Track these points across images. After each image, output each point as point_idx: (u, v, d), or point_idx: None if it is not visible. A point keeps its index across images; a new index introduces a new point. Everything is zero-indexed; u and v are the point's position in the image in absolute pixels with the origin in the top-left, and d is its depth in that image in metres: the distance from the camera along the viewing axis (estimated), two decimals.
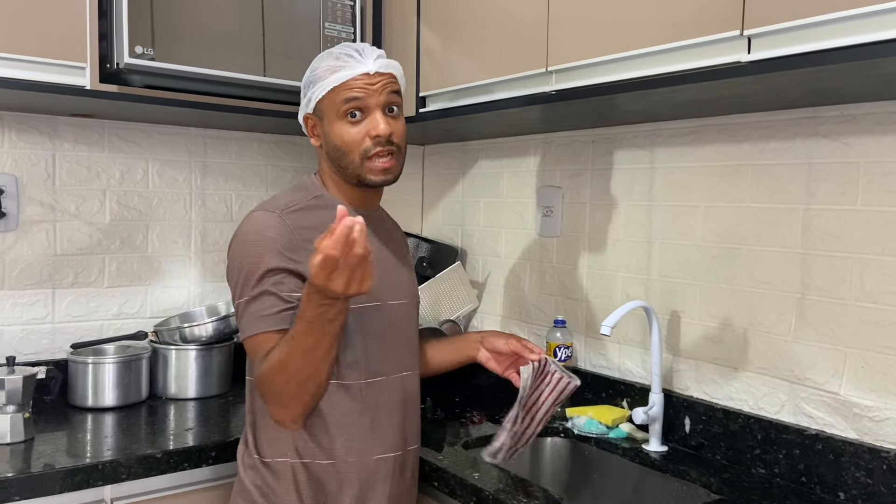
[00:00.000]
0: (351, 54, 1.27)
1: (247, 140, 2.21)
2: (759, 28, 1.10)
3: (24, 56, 1.50)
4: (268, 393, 1.20)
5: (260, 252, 1.21)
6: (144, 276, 2.06)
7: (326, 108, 1.28)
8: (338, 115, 1.26)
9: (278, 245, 1.21)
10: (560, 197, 1.98)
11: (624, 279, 1.81)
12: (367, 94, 1.25)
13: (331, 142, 1.29)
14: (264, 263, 1.21)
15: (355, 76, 1.25)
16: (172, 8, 1.61)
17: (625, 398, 1.79)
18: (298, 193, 1.31)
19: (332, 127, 1.28)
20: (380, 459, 1.31)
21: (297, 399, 1.20)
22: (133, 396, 1.85)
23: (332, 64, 1.27)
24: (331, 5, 1.84)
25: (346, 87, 1.25)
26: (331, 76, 1.26)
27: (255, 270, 1.21)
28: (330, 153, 1.30)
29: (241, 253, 1.23)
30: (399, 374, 1.34)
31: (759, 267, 1.52)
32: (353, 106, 1.25)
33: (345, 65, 1.26)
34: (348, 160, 1.28)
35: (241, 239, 1.24)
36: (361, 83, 1.25)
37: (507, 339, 1.42)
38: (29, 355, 1.87)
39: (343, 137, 1.27)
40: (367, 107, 1.25)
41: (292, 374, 1.17)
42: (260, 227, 1.23)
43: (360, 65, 1.26)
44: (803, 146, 1.45)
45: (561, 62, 1.44)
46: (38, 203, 1.89)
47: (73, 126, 1.93)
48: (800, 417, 1.46)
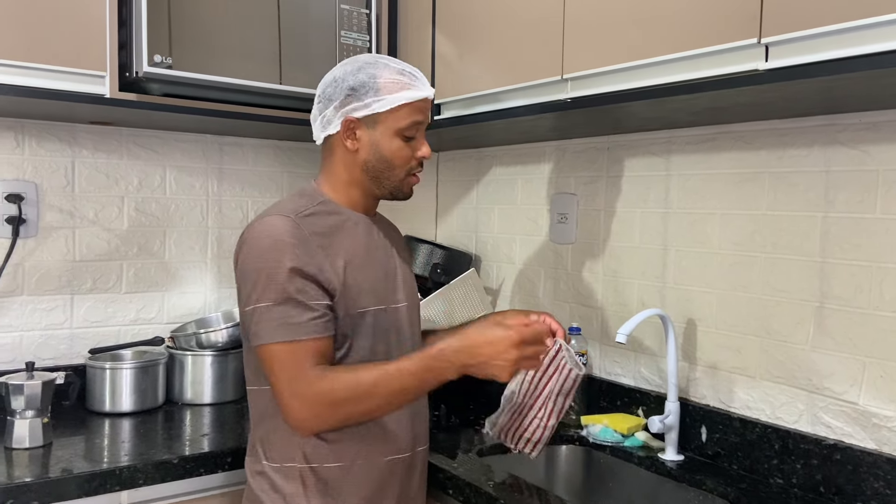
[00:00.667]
0: (414, 74, 1.30)
1: (263, 147, 2.22)
2: (777, 36, 1.10)
3: (45, 65, 1.52)
4: (315, 405, 1.18)
5: (278, 256, 1.19)
6: (161, 282, 2.07)
7: (386, 121, 1.27)
8: (397, 132, 1.28)
9: (297, 250, 1.20)
10: (575, 204, 1.98)
11: (639, 287, 1.80)
12: (426, 118, 1.31)
13: (379, 153, 1.29)
14: (285, 267, 1.19)
15: (422, 98, 1.28)
16: (189, 17, 1.62)
17: (640, 406, 1.78)
18: (303, 199, 1.30)
19: (384, 140, 1.28)
20: (389, 461, 1.31)
21: (344, 422, 1.22)
22: (150, 402, 1.87)
23: (397, 79, 1.27)
24: (346, 13, 1.85)
25: (417, 109, 1.28)
26: (401, 92, 1.26)
27: (275, 274, 1.19)
28: (370, 162, 1.29)
29: (257, 256, 1.21)
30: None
31: (777, 275, 1.51)
32: (417, 128, 1.29)
33: (412, 84, 1.28)
34: (392, 174, 1.30)
35: (255, 243, 1.22)
36: (423, 107, 1.30)
37: (527, 314, 1.34)
38: (47, 360, 1.89)
39: (397, 153, 1.29)
40: (421, 129, 1.31)
41: (368, 405, 1.18)
42: (277, 231, 1.21)
43: (424, 87, 1.29)
44: (821, 154, 1.44)
45: (576, 70, 1.44)
46: (58, 210, 1.91)
47: (92, 133, 1.95)
48: (818, 427, 1.45)
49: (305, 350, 1.19)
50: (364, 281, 1.28)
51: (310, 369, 1.18)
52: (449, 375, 1.17)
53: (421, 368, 1.17)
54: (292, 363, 1.19)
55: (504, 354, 1.14)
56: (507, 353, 1.14)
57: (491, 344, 1.15)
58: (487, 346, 1.15)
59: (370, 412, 1.21)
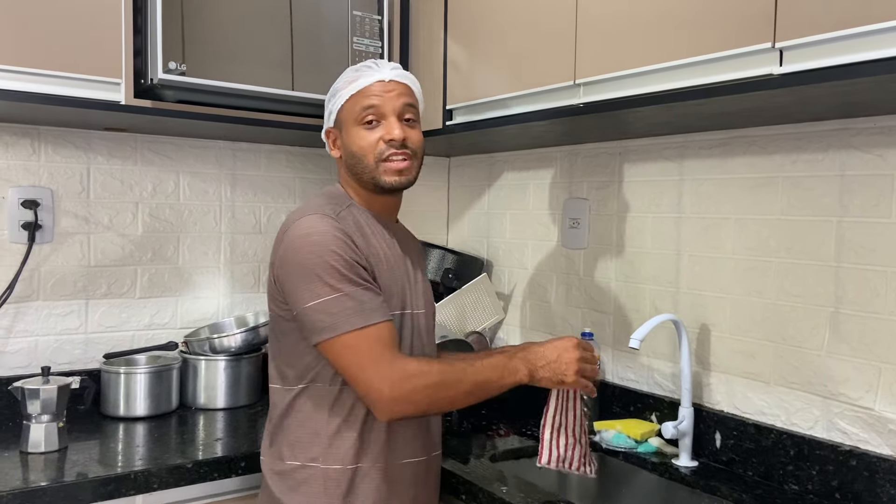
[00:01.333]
0: (368, 65, 1.33)
1: (275, 153, 2.24)
2: (792, 41, 1.09)
3: (62, 73, 1.54)
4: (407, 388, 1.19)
5: (333, 248, 1.21)
6: (175, 287, 2.09)
7: (345, 118, 1.32)
8: (355, 122, 1.31)
9: (348, 241, 1.23)
10: (587, 209, 1.97)
11: (652, 292, 1.79)
12: (383, 100, 1.29)
13: (348, 149, 1.33)
14: (343, 258, 1.20)
15: (371, 83, 1.30)
16: (202, 24, 1.64)
17: (654, 412, 1.77)
18: (333, 201, 1.32)
19: (349, 134, 1.32)
20: (405, 464, 1.32)
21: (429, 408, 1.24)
22: (164, 406, 1.87)
23: (350, 76, 1.33)
24: (359, 20, 1.86)
25: (363, 95, 1.30)
26: (349, 87, 1.31)
27: (335, 266, 1.19)
28: (348, 161, 1.34)
29: (308, 252, 1.21)
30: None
31: (791, 280, 1.50)
32: (369, 112, 1.29)
33: (362, 75, 1.31)
34: (364, 164, 1.31)
35: (303, 241, 1.22)
36: (377, 90, 1.29)
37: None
38: (63, 365, 1.91)
39: (359, 143, 1.30)
40: (382, 114, 1.29)
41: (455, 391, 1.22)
42: (322, 227, 1.23)
43: (375, 73, 1.31)
44: (836, 158, 1.43)
45: (589, 75, 1.44)
46: (73, 215, 1.93)
47: (107, 140, 1.97)
48: (833, 433, 1.44)
49: (383, 332, 1.21)
50: (392, 284, 1.30)
51: (392, 352, 1.20)
52: (521, 376, 1.25)
53: (500, 364, 1.25)
54: (373, 346, 1.19)
55: (567, 354, 1.26)
56: (571, 352, 1.26)
57: (555, 347, 1.28)
58: (552, 349, 1.27)
59: (454, 400, 1.25)
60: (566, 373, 1.26)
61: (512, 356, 1.26)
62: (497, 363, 1.25)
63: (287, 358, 1.30)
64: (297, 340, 1.27)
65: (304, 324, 1.23)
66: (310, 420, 1.28)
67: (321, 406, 1.27)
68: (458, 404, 1.28)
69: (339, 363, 1.21)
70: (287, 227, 1.27)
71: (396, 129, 1.28)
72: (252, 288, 2.21)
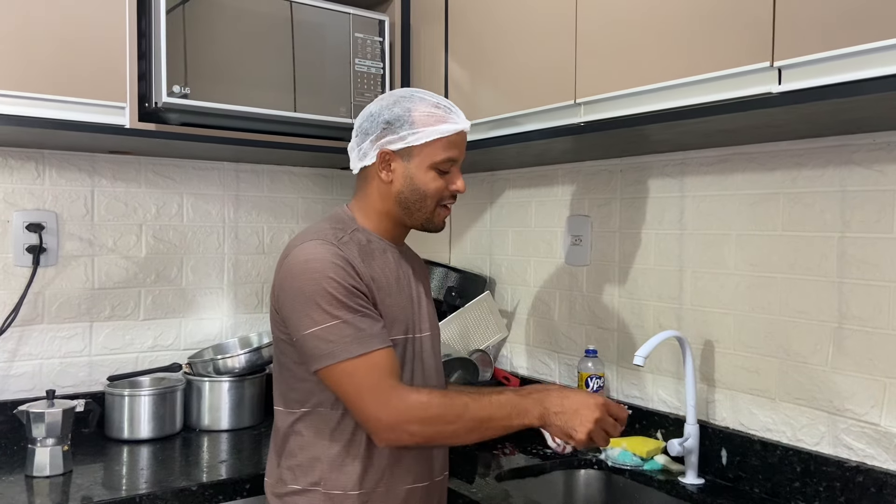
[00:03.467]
0: (449, 107, 1.31)
1: (278, 173, 2.25)
2: (790, 59, 1.10)
3: (68, 97, 1.55)
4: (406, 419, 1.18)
5: (332, 275, 1.20)
6: (179, 309, 2.09)
7: (421, 154, 1.29)
8: (432, 165, 1.29)
9: (348, 268, 1.22)
10: (589, 226, 1.98)
11: (656, 308, 1.80)
12: (460, 155, 1.32)
13: (413, 185, 1.30)
14: (343, 285, 1.20)
15: (458, 132, 1.30)
16: (205, 47, 1.66)
17: (659, 429, 1.77)
18: (337, 225, 1.31)
19: (419, 172, 1.29)
20: (409, 490, 1.30)
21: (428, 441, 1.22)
22: (168, 428, 1.87)
23: (433, 112, 1.29)
24: (360, 42, 1.88)
25: (450, 143, 1.29)
26: (436, 126, 1.28)
27: (335, 293, 1.19)
28: (404, 193, 1.31)
29: (309, 279, 1.20)
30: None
31: (795, 296, 1.50)
32: (451, 164, 1.31)
33: (447, 117, 1.29)
34: (423, 206, 1.31)
35: (303, 266, 1.22)
36: (459, 141, 1.31)
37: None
38: (67, 388, 1.91)
39: (429, 185, 1.30)
40: (455, 165, 1.32)
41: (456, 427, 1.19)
42: (322, 253, 1.22)
43: (460, 121, 1.31)
44: (836, 174, 1.44)
45: (590, 94, 1.45)
46: (77, 238, 1.94)
47: (111, 163, 1.98)
48: (840, 449, 1.43)
49: (382, 359, 1.20)
50: (394, 309, 1.29)
51: (392, 380, 1.19)
52: (531, 418, 1.19)
53: (509, 402, 1.20)
54: (372, 374, 1.19)
55: (587, 412, 1.18)
56: (592, 412, 1.18)
57: (578, 399, 1.20)
58: (574, 400, 1.20)
59: (454, 435, 1.21)
60: (578, 429, 1.17)
61: (526, 395, 1.22)
62: (506, 401, 1.20)
63: (289, 382, 1.29)
64: (298, 365, 1.27)
65: (302, 350, 1.22)
66: (311, 444, 1.27)
67: (322, 431, 1.27)
68: (459, 439, 1.24)
69: (338, 390, 1.21)
70: (287, 253, 1.26)
71: (461, 182, 1.32)
72: (255, 308, 2.22)
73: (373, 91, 1.89)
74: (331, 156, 1.97)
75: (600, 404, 1.19)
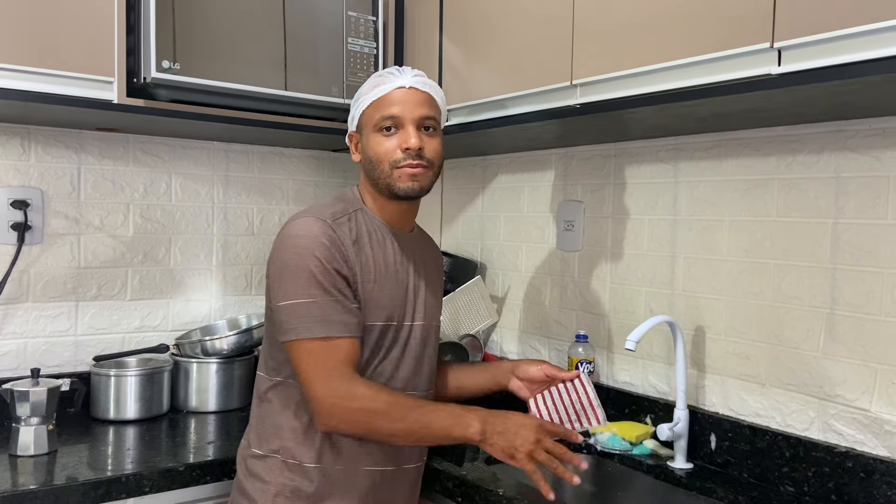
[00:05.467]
0: (392, 72, 1.34)
1: (269, 154, 2.22)
2: (790, 40, 1.09)
3: (54, 71, 1.52)
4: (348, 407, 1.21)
5: (317, 254, 1.23)
6: (166, 290, 2.07)
7: (366, 123, 1.33)
8: (374, 129, 1.31)
9: (334, 251, 1.24)
10: (581, 211, 1.97)
11: (647, 294, 1.79)
12: (402, 109, 1.30)
13: (366, 154, 1.34)
14: (323, 266, 1.22)
15: (392, 89, 1.31)
16: (195, 23, 1.62)
17: (649, 414, 1.77)
18: (341, 204, 1.34)
19: (368, 140, 1.33)
20: (369, 471, 1.32)
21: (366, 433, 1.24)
22: (155, 409, 1.85)
23: (373, 81, 1.34)
24: (353, 21, 1.85)
25: (383, 102, 1.31)
26: (371, 91, 1.33)
27: (314, 272, 1.22)
28: (365, 166, 1.35)
29: (294, 254, 1.23)
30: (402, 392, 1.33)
31: (787, 282, 1.50)
32: (388, 120, 1.30)
33: (384, 81, 1.32)
34: (379, 171, 1.31)
35: (292, 241, 1.25)
36: (397, 97, 1.30)
37: (539, 365, 1.44)
38: (52, 368, 1.88)
39: (376, 149, 1.31)
40: (401, 122, 1.30)
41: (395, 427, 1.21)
42: (314, 230, 1.25)
43: (397, 80, 1.31)
44: (831, 160, 1.43)
45: (586, 76, 1.44)
46: (63, 216, 1.91)
47: (98, 140, 1.95)
48: (829, 435, 1.44)
49: (341, 347, 1.22)
50: (381, 296, 1.31)
51: (346, 368, 1.22)
52: (472, 433, 1.21)
53: (453, 413, 1.23)
54: (329, 358, 1.22)
55: (525, 432, 1.21)
56: (529, 432, 1.21)
57: (517, 422, 1.23)
58: (513, 423, 1.23)
59: (394, 434, 1.24)
60: (519, 449, 1.20)
61: (470, 410, 1.24)
62: (452, 412, 1.23)
63: (270, 350, 1.33)
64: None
65: (275, 320, 1.27)
66: (278, 414, 1.30)
67: (289, 402, 1.30)
68: (398, 439, 1.26)
69: (296, 366, 1.24)
70: (286, 225, 1.29)
71: (413, 139, 1.29)
72: (244, 290, 2.20)
73: (365, 71, 1.86)
74: (322, 137, 1.94)
75: (538, 426, 1.23)
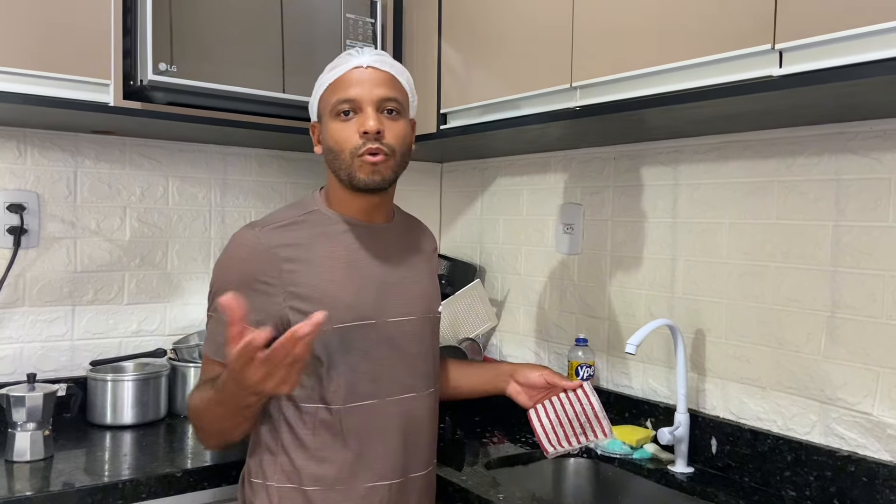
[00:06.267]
0: (350, 52, 1.25)
1: (267, 157, 2.21)
2: (792, 42, 1.09)
3: (50, 73, 1.51)
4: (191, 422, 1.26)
5: (227, 274, 1.23)
6: (163, 294, 2.05)
7: (323, 110, 1.25)
8: (331, 115, 1.22)
9: (247, 267, 1.20)
10: (581, 214, 1.96)
11: (647, 297, 1.78)
12: (360, 91, 1.20)
13: (326, 144, 1.25)
14: (229, 283, 1.19)
15: (348, 70, 1.21)
16: (191, 24, 1.61)
17: (649, 418, 1.76)
18: (293, 209, 1.29)
19: (327, 127, 1.24)
20: (372, 487, 1.24)
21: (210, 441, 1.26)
22: (152, 414, 1.84)
23: (330, 66, 1.26)
24: (352, 22, 1.85)
25: (340, 84, 1.21)
26: (326, 76, 1.25)
27: (219, 290, 1.20)
28: (326, 157, 1.26)
29: (217, 267, 1.26)
30: (397, 396, 1.27)
31: (788, 284, 1.49)
32: (344, 103, 1.20)
33: (338, 64, 1.24)
34: (340, 160, 1.22)
35: (222, 253, 1.27)
36: (355, 77, 1.21)
37: (540, 371, 1.40)
38: (48, 372, 1.87)
39: (334, 136, 1.22)
40: (359, 105, 1.20)
41: (205, 425, 1.22)
42: (235, 246, 1.24)
43: (354, 59, 1.22)
44: (832, 162, 1.43)
45: (586, 78, 1.43)
46: (59, 220, 1.89)
47: (94, 143, 1.94)
48: (831, 438, 1.43)
49: (213, 370, 1.21)
50: (340, 293, 1.22)
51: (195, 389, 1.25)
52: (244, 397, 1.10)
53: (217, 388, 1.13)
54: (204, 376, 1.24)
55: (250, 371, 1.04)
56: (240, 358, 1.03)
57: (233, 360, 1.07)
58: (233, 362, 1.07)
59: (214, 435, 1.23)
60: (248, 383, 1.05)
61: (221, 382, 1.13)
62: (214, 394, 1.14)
63: None
64: None
65: None
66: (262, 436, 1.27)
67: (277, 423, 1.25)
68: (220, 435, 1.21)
69: None
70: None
71: (371, 121, 1.18)
72: None
73: None
74: None
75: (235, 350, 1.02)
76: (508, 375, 1.44)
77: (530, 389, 1.41)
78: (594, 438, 1.37)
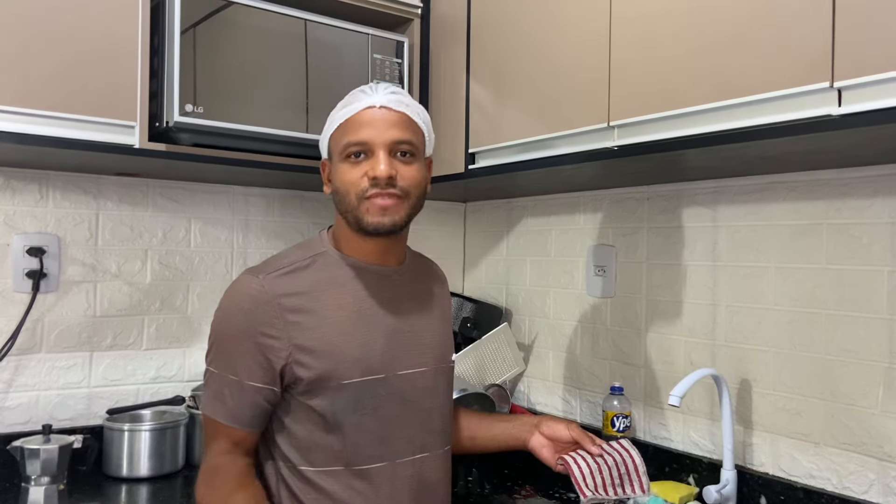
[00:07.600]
0: (364, 90, 1.18)
1: (289, 198, 2.17)
2: (850, 80, 1.03)
3: (75, 115, 1.47)
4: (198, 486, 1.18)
5: (228, 324, 1.15)
6: (183, 338, 2.00)
7: (333, 149, 1.19)
8: (341, 156, 1.16)
9: (250, 318, 1.13)
10: (614, 256, 1.90)
11: (687, 344, 1.70)
12: (371, 133, 1.13)
13: (335, 184, 1.18)
14: (233, 336, 1.14)
15: (361, 110, 1.15)
16: (216, 66, 1.59)
17: (691, 474, 1.66)
18: (298, 251, 1.22)
19: (337, 169, 1.17)
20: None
21: None
22: (169, 466, 1.77)
23: (342, 103, 1.19)
24: (378, 63, 1.82)
25: (351, 125, 1.15)
26: (337, 114, 1.18)
27: (224, 344, 1.15)
28: (335, 198, 1.19)
29: (217, 317, 1.18)
30: (409, 457, 1.19)
31: (841, 333, 1.41)
32: (355, 146, 1.14)
33: (354, 100, 1.17)
34: (347, 203, 1.16)
35: (222, 302, 1.18)
36: (366, 118, 1.14)
37: (568, 425, 1.28)
38: (64, 421, 1.81)
39: (342, 178, 1.16)
40: (370, 148, 1.14)
41: None
42: (237, 295, 1.15)
43: (367, 98, 1.16)
44: (885, 204, 1.36)
45: (624, 116, 1.38)
46: (80, 263, 1.85)
47: (117, 185, 1.91)
48: (890, 498, 1.33)
49: (223, 432, 1.15)
50: (348, 347, 1.15)
51: (216, 452, 1.16)
52: None
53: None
54: (210, 437, 1.17)
55: None
56: None
57: None
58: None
59: None
60: None
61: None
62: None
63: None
64: None
65: None
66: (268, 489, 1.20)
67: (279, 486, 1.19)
68: None
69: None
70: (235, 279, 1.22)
71: (382, 165, 1.12)
72: None
73: None
74: None
75: None
76: (533, 426, 1.32)
77: (556, 443, 1.29)
78: (631, 493, 1.28)
